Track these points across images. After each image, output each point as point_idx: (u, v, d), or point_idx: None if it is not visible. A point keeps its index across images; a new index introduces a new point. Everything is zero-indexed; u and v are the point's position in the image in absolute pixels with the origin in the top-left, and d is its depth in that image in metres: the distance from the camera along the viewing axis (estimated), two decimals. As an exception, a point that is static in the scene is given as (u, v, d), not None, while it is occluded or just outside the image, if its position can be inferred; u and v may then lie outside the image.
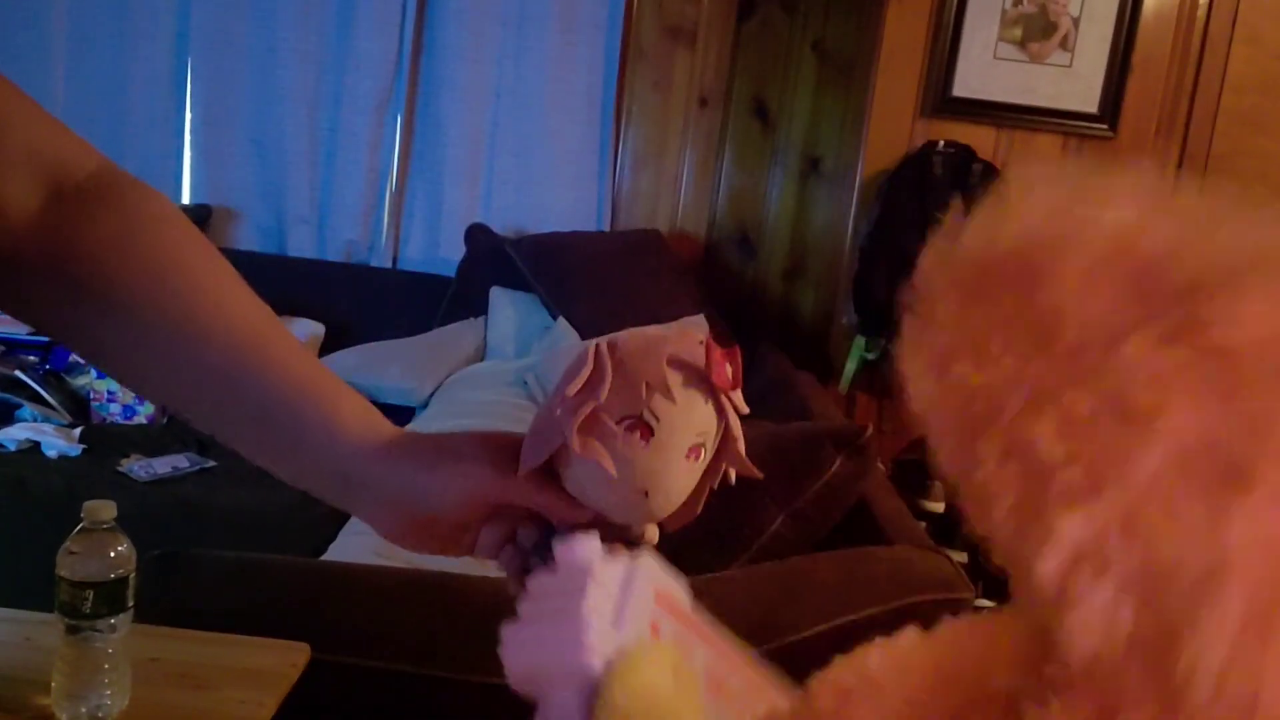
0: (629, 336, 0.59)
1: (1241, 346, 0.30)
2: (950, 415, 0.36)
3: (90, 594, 0.90)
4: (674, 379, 0.56)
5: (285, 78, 3.11)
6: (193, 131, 3.17)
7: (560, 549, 0.53)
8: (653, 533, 0.63)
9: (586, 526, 0.59)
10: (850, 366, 2.78)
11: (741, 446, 0.61)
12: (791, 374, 2.62)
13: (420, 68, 3.15)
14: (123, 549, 0.92)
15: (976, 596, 1.36)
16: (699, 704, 0.50)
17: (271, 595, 1.26)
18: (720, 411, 0.59)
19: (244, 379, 0.61)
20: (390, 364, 2.78)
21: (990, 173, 2.71)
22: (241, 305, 0.64)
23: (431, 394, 2.74)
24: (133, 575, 0.93)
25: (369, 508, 0.62)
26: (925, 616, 0.48)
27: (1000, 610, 0.43)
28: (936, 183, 2.69)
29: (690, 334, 0.59)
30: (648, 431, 0.56)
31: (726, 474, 0.62)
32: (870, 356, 2.77)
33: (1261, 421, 0.29)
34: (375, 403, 2.43)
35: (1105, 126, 2.76)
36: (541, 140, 3.15)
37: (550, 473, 0.59)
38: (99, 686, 0.92)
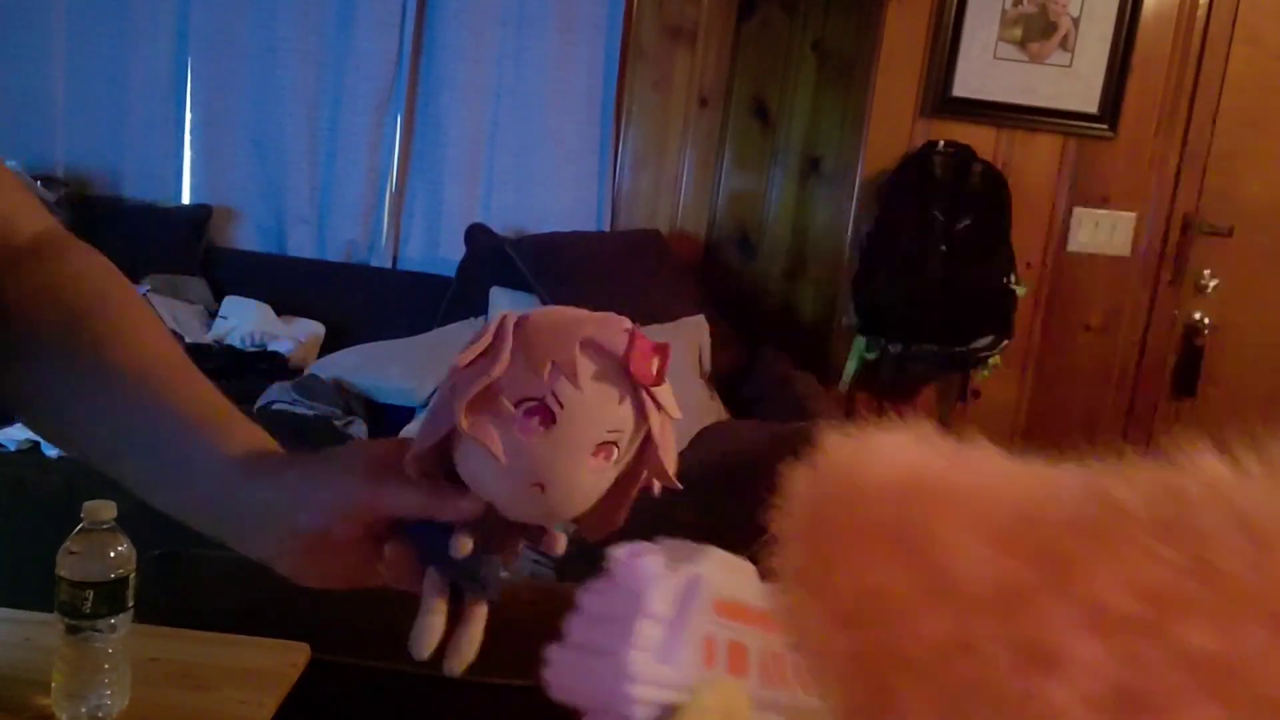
0: (544, 312, 0.54)
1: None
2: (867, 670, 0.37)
3: (90, 594, 0.90)
4: (585, 365, 0.52)
5: (285, 78, 3.11)
6: (193, 131, 3.17)
7: (618, 563, 0.48)
8: (559, 541, 0.58)
9: (474, 523, 0.54)
10: (850, 366, 2.78)
11: (665, 454, 0.55)
12: (791, 374, 2.62)
13: (420, 68, 3.15)
14: (122, 549, 0.92)
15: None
16: None
17: (271, 595, 1.25)
18: (641, 412, 0.53)
19: (139, 416, 0.62)
20: (390, 364, 2.78)
21: (990, 173, 2.71)
22: (149, 348, 0.65)
23: (431, 394, 2.73)
24: (132, 575, 0.93)
25: (250, 537, 0.59)
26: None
27: None
28: (936, 183, 2.69)
29: (615, 320, 0.54)
30: (549, 418, 0.52)
31: (649, 483, 0.56)
32: (870, 356, 2.77)
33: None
34: (375, 403, 2.43)
35: (1105, 126, 2.76)
36: (541, 140, 3.15)
37: (437, 469, 0.55)
38: (99, 686, 0.92)
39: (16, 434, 2.33)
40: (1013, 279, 2.71)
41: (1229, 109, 2.78)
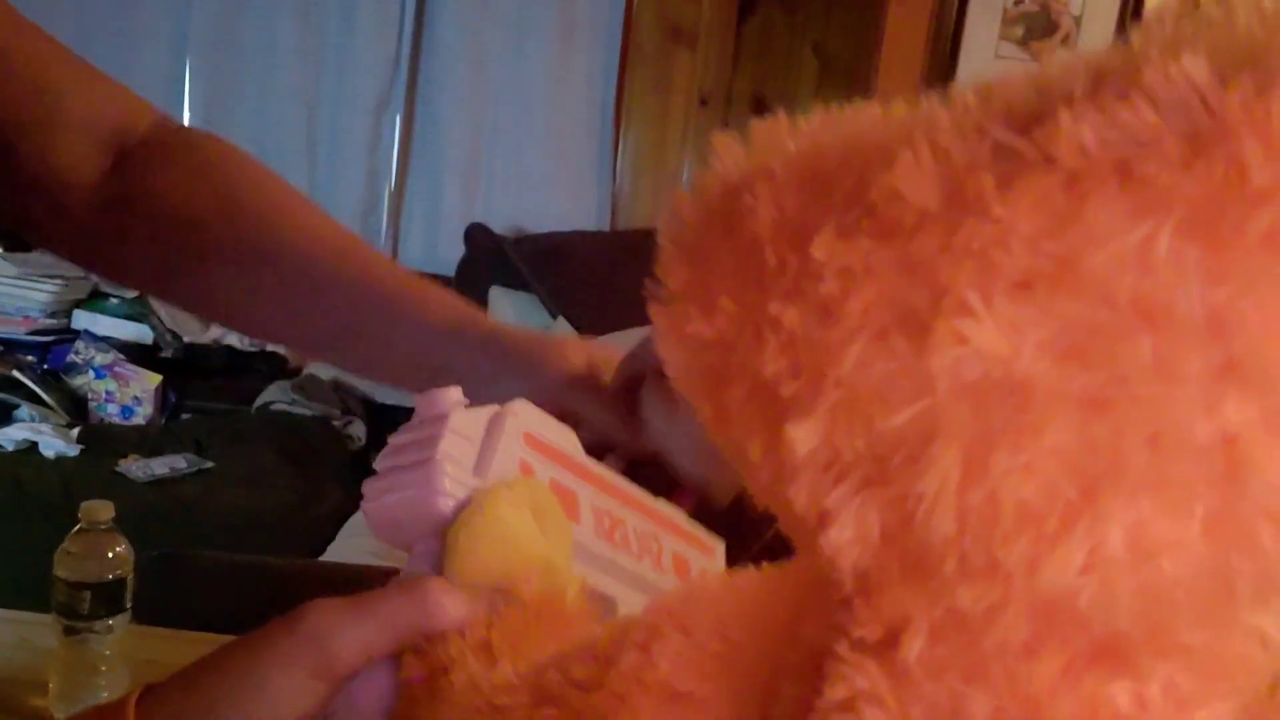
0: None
1: (908, 218, 0.28)
2: (696, 379, 0.34)
3: (88, 595, 0.90)
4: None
5: (285, 78, 3.10)
6: (192, 131, 3.17)
7: (418, 399, 0.49)
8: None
9: (650, 461, 0.56)
10: (850, 367, 2.78)
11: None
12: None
13: (419, 68, 3.14)
14: (120, 549, 0.92)
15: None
16: (564, 540, 0.46)
17: (271, 596, 1.25)
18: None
19: (329, 292, 0.63)
20: (390, 364, 2.77)
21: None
22: (315, 224, 0.66)
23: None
24: (130, 576, 0.93)
25: None
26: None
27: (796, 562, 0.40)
28: (937, 183, 2.69)
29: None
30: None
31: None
32: (870, 357, 2.77)
33: (929, 273, 0.27)
34: (373, 403, 2.43)
35: (1106, 127, 2.76)
36: (541, 140, 3.15)
37: (631, 401, 0.57)
38: (96, 688, 0.91)
39: (15, 434, 2.33)
40: (1013, 279, 2.71)
41: (1230, 109, 2.78)
